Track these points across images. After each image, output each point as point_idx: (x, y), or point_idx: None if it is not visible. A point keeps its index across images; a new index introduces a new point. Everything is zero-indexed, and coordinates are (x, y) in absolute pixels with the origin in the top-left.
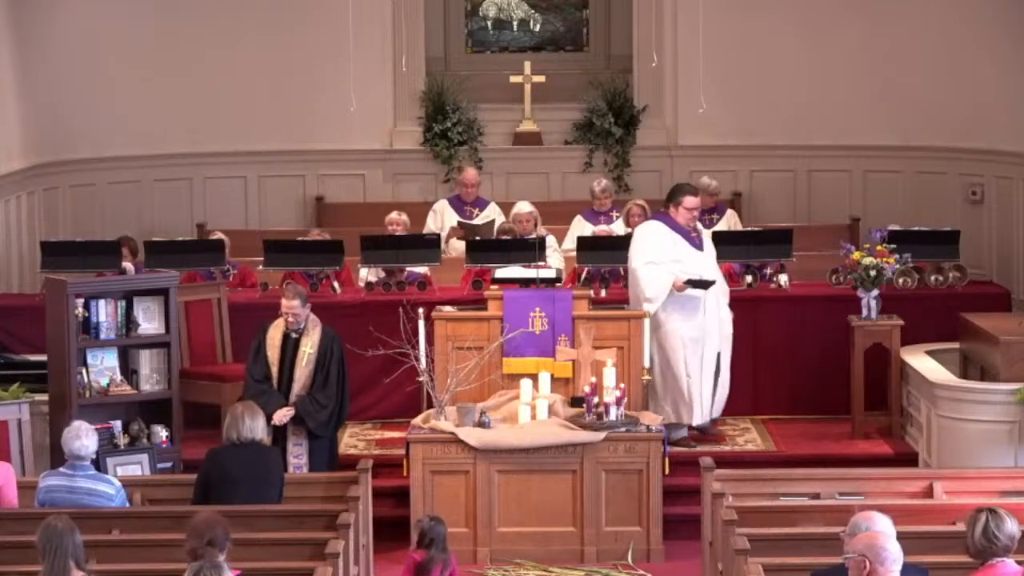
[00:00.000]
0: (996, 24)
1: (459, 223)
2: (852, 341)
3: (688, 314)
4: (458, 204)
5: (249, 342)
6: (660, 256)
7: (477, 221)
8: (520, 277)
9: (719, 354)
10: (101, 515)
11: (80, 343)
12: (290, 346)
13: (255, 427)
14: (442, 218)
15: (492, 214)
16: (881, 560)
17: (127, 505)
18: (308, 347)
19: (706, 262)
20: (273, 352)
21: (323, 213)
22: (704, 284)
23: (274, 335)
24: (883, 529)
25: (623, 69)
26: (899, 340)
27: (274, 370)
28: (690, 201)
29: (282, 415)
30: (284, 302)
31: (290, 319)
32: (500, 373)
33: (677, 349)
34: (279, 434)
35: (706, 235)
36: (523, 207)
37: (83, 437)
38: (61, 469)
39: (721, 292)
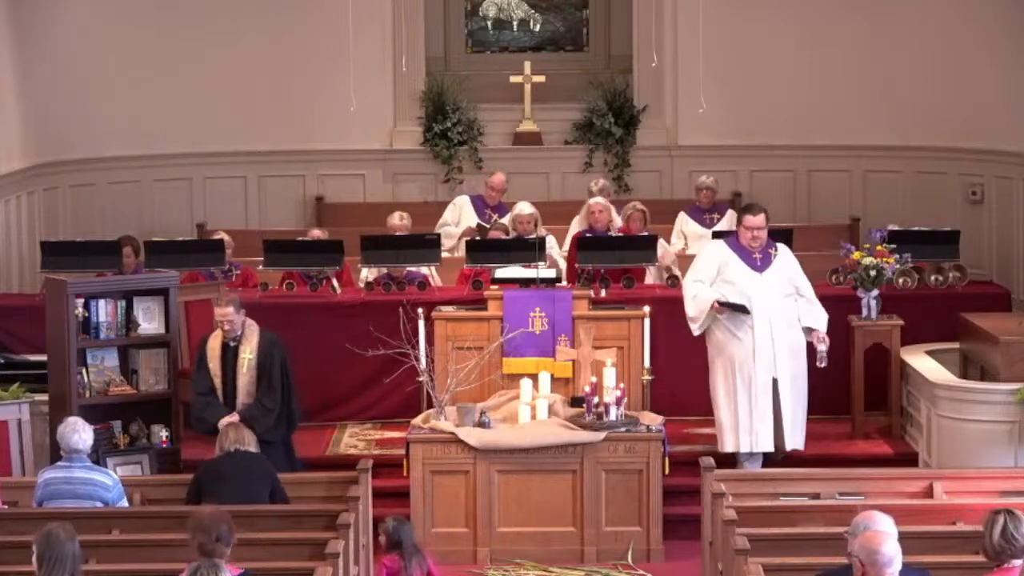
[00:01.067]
0: (996, 24)
1: (477, 225)
2: (852, 341)
3: (733, 335)
4: (480, 204)
5: None
6: (710, 275)
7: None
8: (520, 277)
9: (775, 380)
10: (101, 515)
11: (80, 343)
12: (230, 355)
13: (240, 439)
14: (461, 213)
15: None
16: (872, 562)
17: (124, 497)
18: (247, 354)
19: (763, 285)
20: (215, 363)
21: (323, 213)
22: (738, 308)
23: (214, 345)
24: (882, 529)
25: (623, 69)
26: (899, 340)
27: (217, 381)
28: (749, 220)
29: (224, 423)
30: (217, 310)
31: (225, 327)
32: (500, 373)
33: (716, 371)
34: None
35: (782, 258)
36: (524, 208)
37: (80, 431)
38: (58, 463)
39: (789, 314)
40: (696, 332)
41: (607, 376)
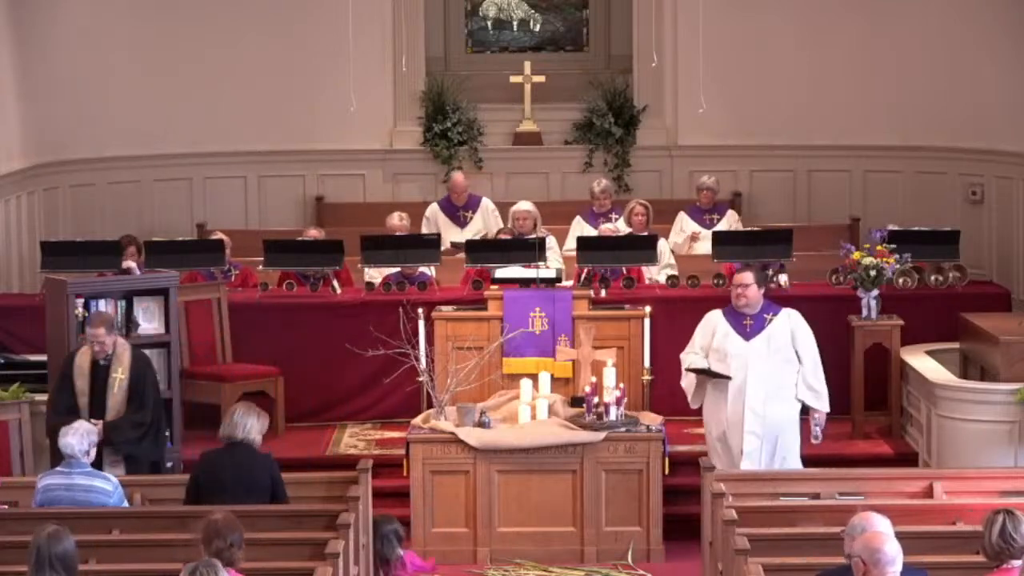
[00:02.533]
0: (996, 24)
1: (452, 244)
2: (852, 341)
3: (712, 405)
4: (449, 208)
5: (249, 342)
6: (704, 344)
7: (469, 226)
8: (520, 277)
9: (742, 451)
10: (101, 515)
11: (80, 343)
12: (100, 373)
13: (249, 426)
14: (435, 224)
15: (485, 212)
16: (875, 562)
17: (125, 502)
18: (119, 373)
19: (748, 352)
20: (82, 381)
21: (323, 213)
22: (712, 374)
23: (82, 363)
24: (881, 530)
25: (623, 69)
26: (899, 340)
27: (83, 400)
28: (736, 277)
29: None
30: (90, 330)
31: (96, 347)
32: (500, 373)
33: (709, 441)
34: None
35: (779, 324)
36: (522, 204)
37: (68, 435)
38: (57, 468)
39: (779, 384)
40: (693, 404)
41: (607, 376)
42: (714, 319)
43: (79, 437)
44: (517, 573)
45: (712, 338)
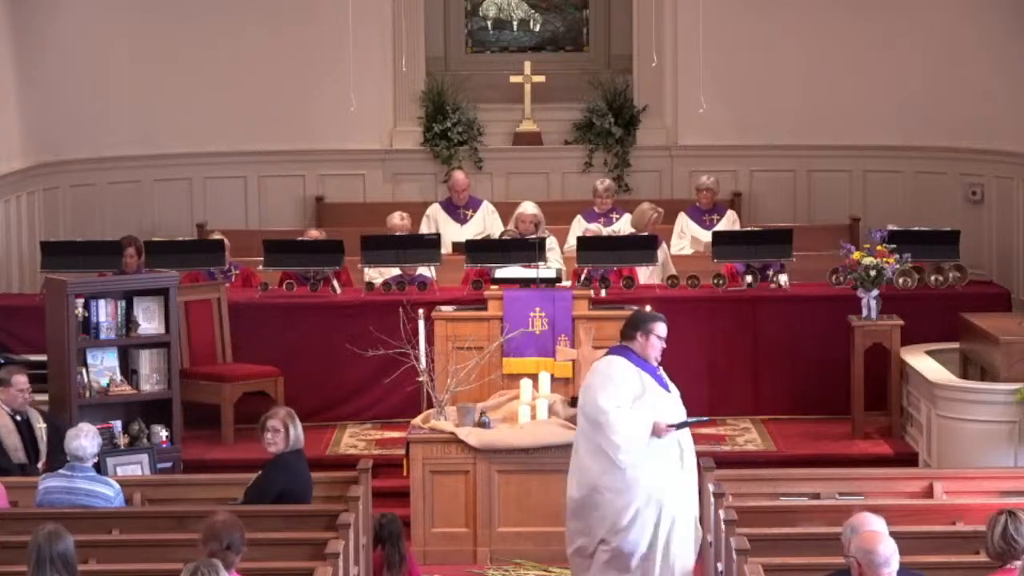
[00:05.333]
0: (996, 24)
1: (452, 244)
2: (852, 341)
3: (662, 467)
4: (450, 207)
5: (249, 342)
6: (635, 396)
7: (469, 223)
8: (520, 277)
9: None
10: (101, 515)
11: (80, 343)
12: (24, 428)
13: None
14: (435, 223)
15: (485, 213)
16: (868, 562)
17: (125, 505)
18: (38, 422)
19: (674, 405)
20: (14, 438)
21: (323, 213)
22: (687, 426)
23: (6, 422)
24: (876, 529)
25: (623, 69)
26: (899, 340)
27: (19, 455)
28: (663, 328)
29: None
30: (16, 379)
31: (21, 398)
32: (500, 373)
33: (625, 506)
34: None
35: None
36: (528, 208)
37: (81, 438)
38: (60, 471)
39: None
40: (625, 466)
41: None
42: (631, 369)
43: (90, 439)
44: (517, 573)
45: (643, 389)
